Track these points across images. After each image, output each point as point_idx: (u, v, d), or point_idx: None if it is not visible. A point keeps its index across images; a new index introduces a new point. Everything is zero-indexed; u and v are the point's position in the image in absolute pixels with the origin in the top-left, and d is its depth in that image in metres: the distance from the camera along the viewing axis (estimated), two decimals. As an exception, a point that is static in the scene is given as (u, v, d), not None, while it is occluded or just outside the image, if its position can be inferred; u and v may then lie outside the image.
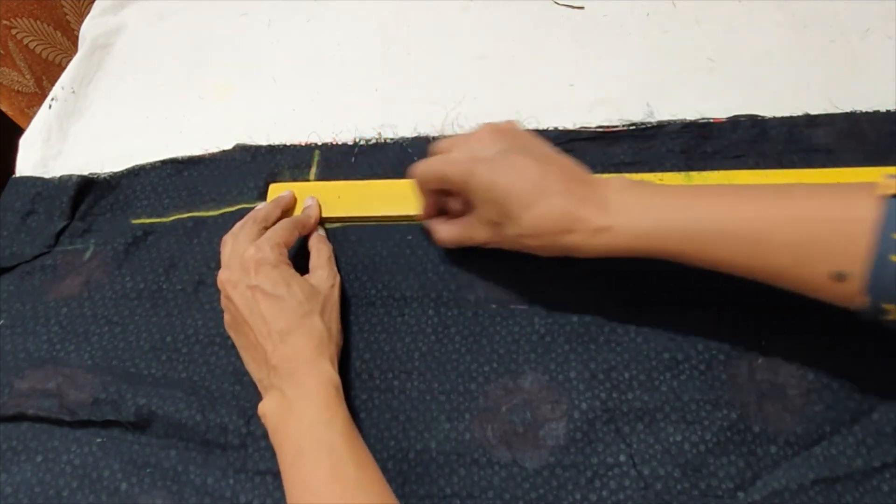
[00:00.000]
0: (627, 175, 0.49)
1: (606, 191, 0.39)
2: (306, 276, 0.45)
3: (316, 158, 0.54)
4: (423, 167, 0.44)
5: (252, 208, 0.52)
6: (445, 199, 0.47)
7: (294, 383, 0.39)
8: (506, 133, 0.42)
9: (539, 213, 0.39)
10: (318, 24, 0.65)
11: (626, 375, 0.43)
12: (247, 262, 0.43)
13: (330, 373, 0.40)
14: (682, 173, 0.49)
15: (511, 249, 0.43)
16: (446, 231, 0.46)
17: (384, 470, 0.41)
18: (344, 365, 0.46)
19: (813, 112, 0.52)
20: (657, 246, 0.38)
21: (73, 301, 0.50)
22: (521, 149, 0.41)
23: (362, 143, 0.55)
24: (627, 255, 0.38)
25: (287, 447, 0.38)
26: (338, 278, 0.46)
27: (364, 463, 0.37)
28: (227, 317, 0.44)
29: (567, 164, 0.41)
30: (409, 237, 0.50)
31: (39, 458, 0.45)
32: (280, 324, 0.41)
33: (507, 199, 0.39)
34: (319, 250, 0.48)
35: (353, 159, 0.54)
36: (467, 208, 0.45)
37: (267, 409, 0.40)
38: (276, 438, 0.39)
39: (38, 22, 0.87)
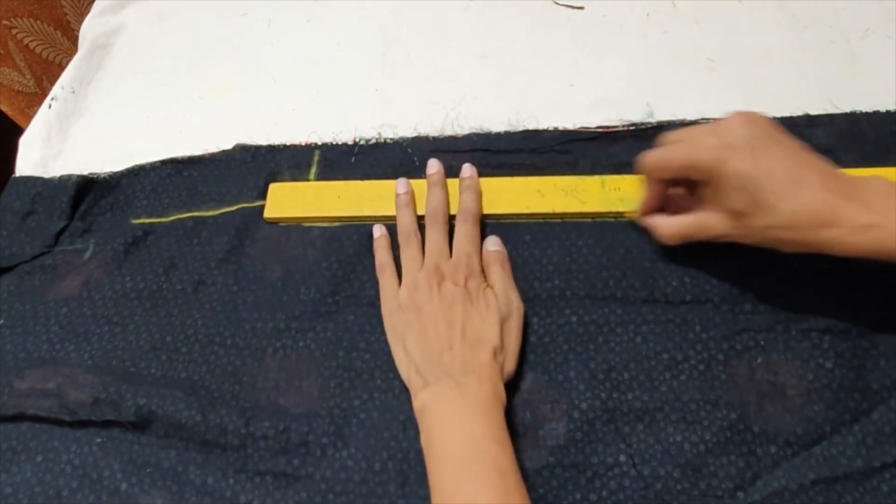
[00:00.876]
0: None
1: (867, 189, 0.37)
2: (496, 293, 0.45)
3: (316, 158, 0.54)
4: (664, 153, 0.42)
5: (252, 208, 0.52)
6: (670, 192, 0.45)
7: (469, 388, 0.39)
8: (758, 122, 0.40)
9: (798, 204, 0.37)
10: (318, 24, 0.65)
11: (626, 375, 0.43)
12: (465, 263, 0.45)
13: (502, 390, 0.41)
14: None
15: (751, 243, 0.41)
16: (674, 224, 0.44)
17: (384, 470, 0.42)
18: (344, 365, 0.46)
19: (813, 112, 0.51)
20: None
21: (73, 301, 0.50)
22: (774, 139, 0.39)
23: (362, 143, 0.55)
24: (889, 258, 0.36)
25: (447, 451, 0.38)
26: (522, 306, 0.45)
27: (525, 495, 0.36)
28: (416, 296, 0.44)
29: (819, 158, 0.39)
30: (409, 237, 0.50)
31: (39, 458, 0.45)
32: (473, 330, 0.42)
33: (763, 188, 0.38)
34: (507, 270, 0.46)
35: (353, 159, 0.54)
36: (695, 203, 0.43)
37: (429, 404, 0.40)
38: (433, 434, 0.39)
39: (38, 22, 0.87)
